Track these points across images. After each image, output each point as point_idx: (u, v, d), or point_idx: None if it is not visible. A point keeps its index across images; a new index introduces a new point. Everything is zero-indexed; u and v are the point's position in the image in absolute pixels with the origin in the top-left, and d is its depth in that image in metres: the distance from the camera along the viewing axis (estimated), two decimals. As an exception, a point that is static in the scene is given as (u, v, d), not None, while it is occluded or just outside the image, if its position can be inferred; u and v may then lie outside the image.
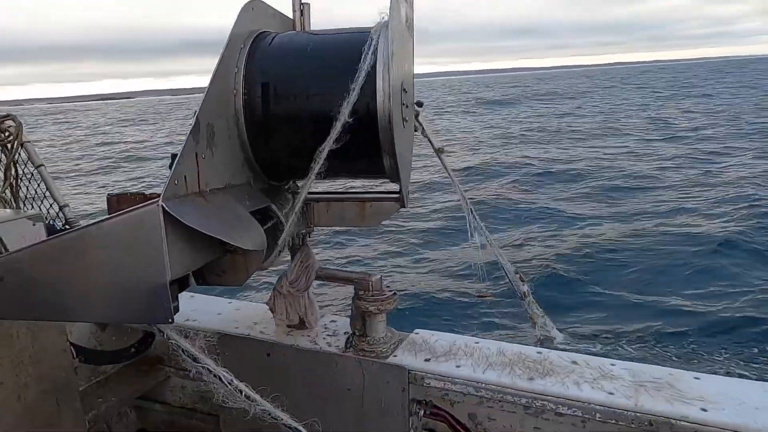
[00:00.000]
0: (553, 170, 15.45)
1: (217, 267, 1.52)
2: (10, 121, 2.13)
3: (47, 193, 2.43)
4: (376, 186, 1.91)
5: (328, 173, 1.58)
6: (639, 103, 40.65)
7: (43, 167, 2.40)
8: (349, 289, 1.84)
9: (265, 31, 1.66)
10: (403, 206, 1.73)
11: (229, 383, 1.30)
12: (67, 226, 2.42)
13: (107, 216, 1.22)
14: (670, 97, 44.15)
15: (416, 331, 1.90)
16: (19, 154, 2.27)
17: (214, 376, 1.30)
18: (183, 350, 1.30)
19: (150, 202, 1.15)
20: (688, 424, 1.35)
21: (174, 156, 1.26)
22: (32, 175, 2.39)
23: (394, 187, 1.73)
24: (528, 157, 17.72)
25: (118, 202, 1.51)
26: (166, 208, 1.12)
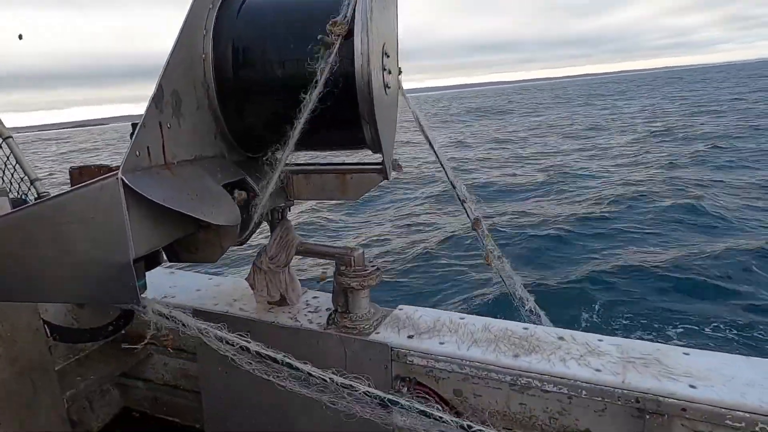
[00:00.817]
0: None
1: (190, 243, 1.45)
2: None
3: (17, 166, 2.33)
4: (359, 157, 1.83)
5: (307, 144, 1.49)
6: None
7: (11, 139, 2.29)
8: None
9: None
10: (386, 178, 1.66)
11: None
12: None
13: (67, 189, 1.14)
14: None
15: (400, 306, 1.85)
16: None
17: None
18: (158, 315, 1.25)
19: (110, 174, 1.07)
20: (675, 401, 1.32)
21: (135, 125, 1.17)
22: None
23: (377, 157, 1.65)
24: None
25: (80, 174, 1.43)
26: (126, 182, 1.04)
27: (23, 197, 2.35)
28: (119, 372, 2.36)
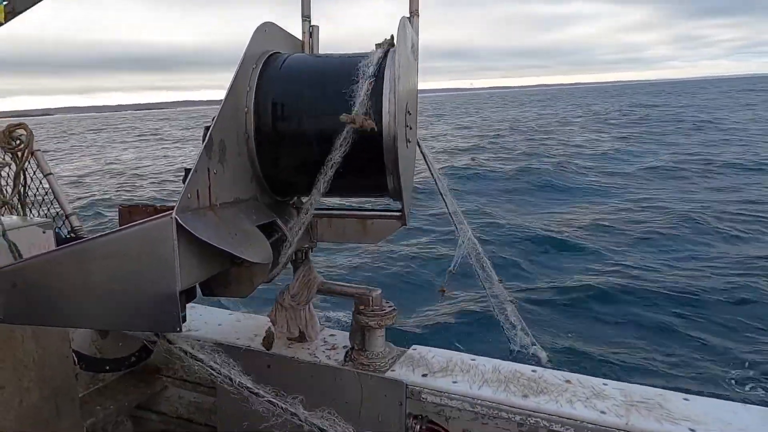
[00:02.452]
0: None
1: (223, 279, 1.56)
2: (22, 130, 2.18)
3: (54, 201, 2.48)
4: (378, 204, 1.96)
5: (332, 190, 1.63)
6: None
7: (51, 176, 2.45)
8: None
9: (276, 52, 1.72)
10: (405, 224, 1.78)
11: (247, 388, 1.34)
12: (72, 234, 2.47)
13: (121, 227, 1.27)
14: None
15: (414, 346, 1.94)
16: (29, 162, 2.32)
17: (226, 377, 1.33)
18: (190, 357, 1.34)
19: (164, 214, 1.20)
20: None
21: (187, 171, 1.32)
22: (40, 182, 2.44)
23: (396, 205, 1.78)
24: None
25: (130, 213, 1.56)
26: (179, 221, 1.17)
27: (57, 230, 2.49)
28: (135, 403, 2.41)
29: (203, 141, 1.38)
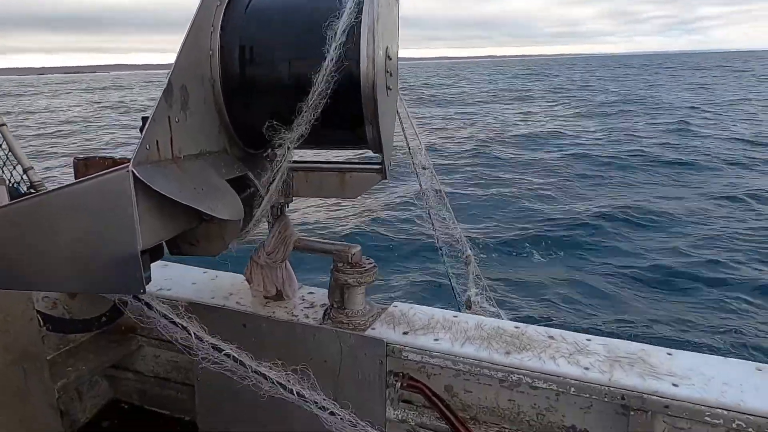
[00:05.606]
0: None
1: (192, 236, 1.47)
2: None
3: (9, 155, 2.31)
4: (357, 156, 1.86)
5: (308, 142, 1.52)
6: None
7: (5, 126, 2.27)
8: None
9: None
10: (385, 177, 1.69)
11: (213, 347, 1.27)
12: (32, 190, 2.32)
13: (75, 180, 1.15)
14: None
15: (394, 303, 1.89)
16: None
17: (195, 337, 1.27)
18: (161, 316, 1.26)
19: (120, 167, 1.09)
20: (659, 398, 1.38)
21: (145, 119, 1.19)
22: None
23: (375, 157, 1.69)
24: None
25: (86, 166, 1.44)
26: (137, 174, 1.06)
27: (15, 186, 2.33)
28: (109, 363, 2.35)
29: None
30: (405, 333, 1.70)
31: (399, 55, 1.67)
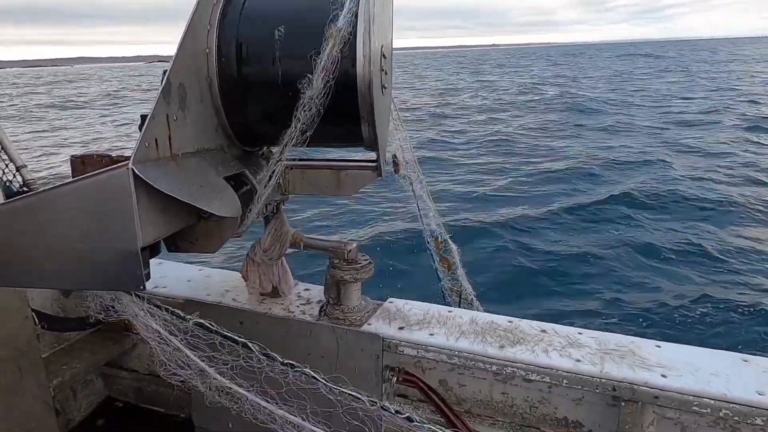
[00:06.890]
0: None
1: (190, 234, 1.48)
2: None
3: (2, 153, 2.30)
4: (353, 154, 1.88)
5: (303, 140, 1.53)
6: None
7: (-3, 125, 2.26)
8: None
9: None
10: (380, 175, 1.71)
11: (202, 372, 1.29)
12: (25, 189, 2.30)
13: (73, 179, 1.16)
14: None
15: (390, 299, 1.91)
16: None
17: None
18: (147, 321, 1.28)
19: (119, 165, 1.10)
20: (648, 389, 1.42)
21: (144, 117, 1.20)
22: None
23: (371, 155, 1.70)
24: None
25: (83, 164, 1.44)
26: (137, 172, 1.07)
27: (8, 184, 2.32)
28: (104, 361, 2.36)
29: (161, 84, 1.26)
30: (401, 328, 1.72)
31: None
